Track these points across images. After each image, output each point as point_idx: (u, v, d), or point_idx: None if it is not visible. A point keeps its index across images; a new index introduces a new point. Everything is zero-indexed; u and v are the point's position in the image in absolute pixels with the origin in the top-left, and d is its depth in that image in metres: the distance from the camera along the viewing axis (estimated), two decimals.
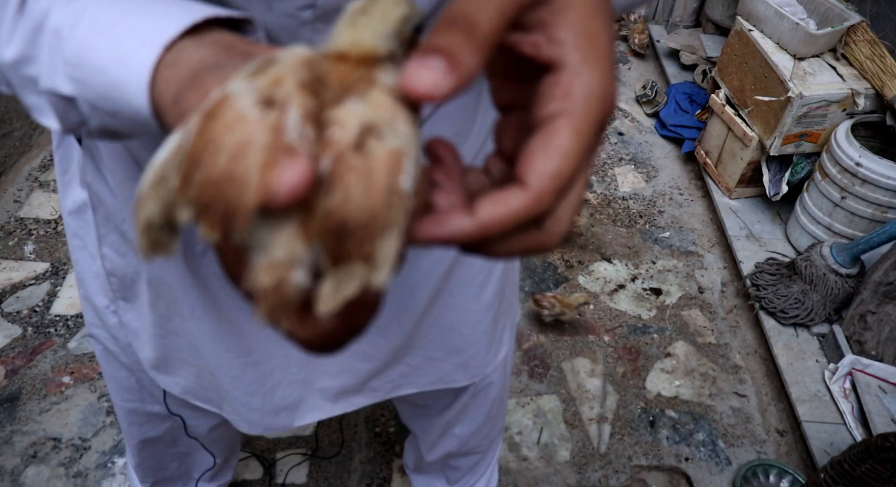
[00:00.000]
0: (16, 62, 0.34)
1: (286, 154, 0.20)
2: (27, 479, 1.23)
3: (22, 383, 1.38)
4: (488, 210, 0.24)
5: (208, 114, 0.21)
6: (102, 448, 1.29)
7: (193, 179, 0.20)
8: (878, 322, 1.46)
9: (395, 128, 0.21)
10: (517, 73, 0.27)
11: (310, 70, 0.22)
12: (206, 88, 0.25)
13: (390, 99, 0.22)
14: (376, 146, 0.21)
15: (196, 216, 0.21)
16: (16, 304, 1.53)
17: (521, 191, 0.24)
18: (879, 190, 1.52)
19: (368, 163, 0.21)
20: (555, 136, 0.24)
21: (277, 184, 0.19)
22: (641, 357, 1.56)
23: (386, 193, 0.21)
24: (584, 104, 0.24)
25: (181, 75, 0.28)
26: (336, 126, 0.21)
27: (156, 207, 0.22)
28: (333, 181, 0.20)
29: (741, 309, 1.70)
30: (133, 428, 0.87)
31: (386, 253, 0.21)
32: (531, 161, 0.24)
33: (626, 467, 1.35)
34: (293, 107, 0.20)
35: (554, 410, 1.44)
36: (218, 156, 0.20)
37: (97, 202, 0.60)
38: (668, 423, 1.44)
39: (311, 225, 0.21)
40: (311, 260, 0.21)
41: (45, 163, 1.90)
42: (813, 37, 1.70)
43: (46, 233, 1.71)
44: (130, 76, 0.29)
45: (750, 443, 1.41)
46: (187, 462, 0.97)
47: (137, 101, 0.30)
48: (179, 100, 0.27)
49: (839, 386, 1.42)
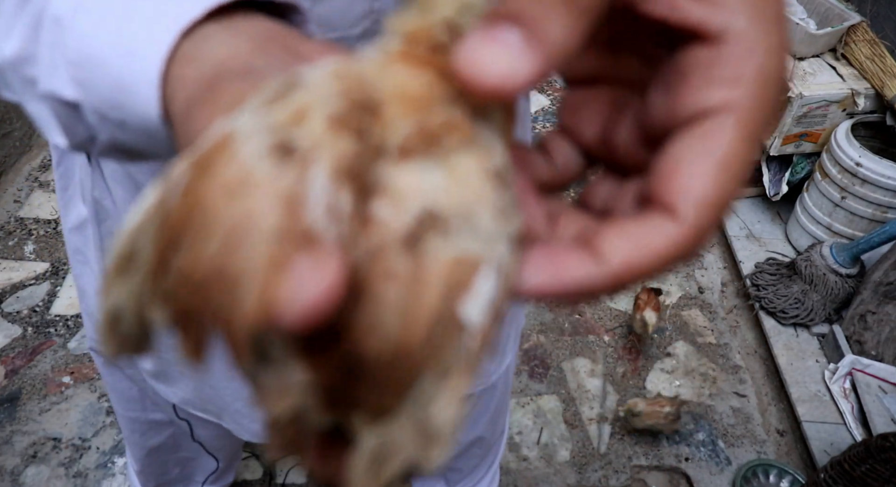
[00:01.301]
0: (16, 60, 0.28)
1: (305, 248, 0.13)
2: (27, 479, 1.23)
3: (22, 383, 1.38)
4: (624, 251, 0.17)
5: (200, 163, 0.14)
6: (103, 447, 1.29)
7: (171, 265, 0.14)
8: (878, 322, 1.46)
9: (473, 223, 0.14)
10: (617, 35, 0.20)
11: (352, 93, 0.15)
12: (223, 102, 0.18)
13: (482, 169, 0.15)
14: (437, 247, 0.14)
15: (171, 321, 0.14)
16: (16, 304, 1.53)
17: (672, 222, 0.17)
18: (879, 190, 1.52)
19: (418, 273, 0.14)
20: (718, 142, 0.17)
21: (287, 302, 0.13)
22: (641, 357, 1.57)
23: (433, 324, 0.14)
24: (758, 94, 0.17)
25: (199, 75, 0.21)
26: (386, 198, 0.14)
27: (124, 296, 0.15)
28: (362, 288, 0.14)
29: (741, 309, 1.70)
30: (135, 436, 0.86)
31: (438, 415, 0.14)
32: (683, 178, 0.17)
33: (626, 467, 1.35)
34: (321, 161, 0.14)
35: (554, 410, 1.44)
36: (206, 235, 0.13)
37: (103, 215, 0.59)
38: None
39: (331, 349, 0.14)
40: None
41: (45, 163, 1.90)
42: (813, 37, 1.70)
43: (46, 233, 1.71)
44: (138, 72, 0.23)
45: (750, 443, 1.41)
46: (190, 467, 0.97)
47: (146, 107, 0.23)
48: (189, 113, 0.20)
49: (839, 386, 1.43)
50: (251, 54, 0.21)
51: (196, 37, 0.22)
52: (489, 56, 0.15)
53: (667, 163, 0.17)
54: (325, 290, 0.13)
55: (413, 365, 0.14)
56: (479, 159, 0.15)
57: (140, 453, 0.89)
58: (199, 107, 0.19)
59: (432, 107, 0.15)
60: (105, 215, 0.59)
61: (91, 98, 0.26)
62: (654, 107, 0.19)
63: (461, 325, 0.14)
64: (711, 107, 0.17)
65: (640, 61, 0.20)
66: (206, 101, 0.19)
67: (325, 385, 0.14)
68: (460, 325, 0.14)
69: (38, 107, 0.29)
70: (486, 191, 0.15)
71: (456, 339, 0.14)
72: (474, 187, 0.15)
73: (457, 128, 0.15)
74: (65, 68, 0.26)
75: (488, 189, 0.15)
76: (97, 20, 0.25)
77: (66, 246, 0.67)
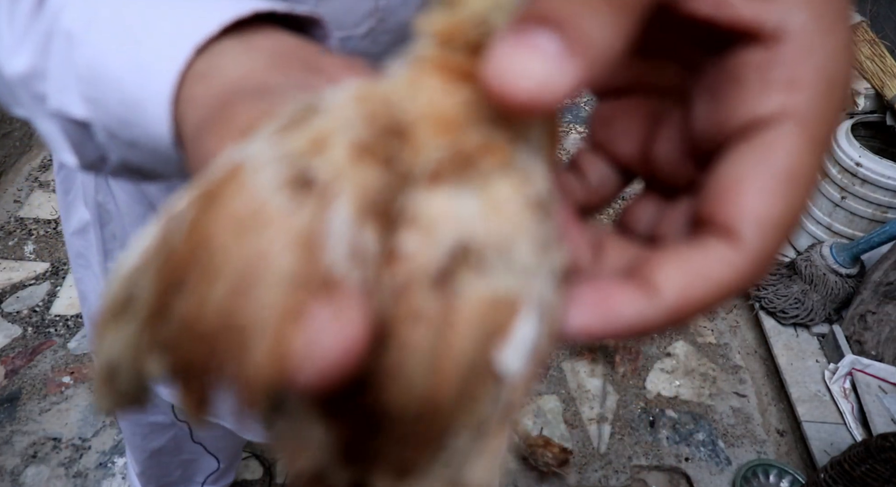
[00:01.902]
0: (26, 76, 0.27)
1: (323, 294, 0.11)
2: (27, 479, 1.23)
3: (22, 383, 1.38)
4: (680, 283, 0.15)
5: (207, 195, 0.13)
6: (102, 448, 1.29)
7: (172, 310, 0.12)
8: (878, 322, 1.46)
9: (511, 257, 0.13)
10: (654, 39, 0.17)
11: (378, 117, 0.13)
12: (235, 125, 0.17)
13: (522, 196, 0.13)
14: (471, 285, 0.12)
15: (171, 373, 0.13)
16: (16, 304, 1.53)
17: (733, 248, 0.15)
18: (879, 190, 1.53)
19: (449, 315, 0.12)
20: (780, 154, 0.15)
21: (303, 358, 0.11)
22: (641, 357, 1.57)
23: (466, 374, 0.12)
24: (822, 98, 0.15)
25: (211, 94, 0.20)
26: (413, 228, 0.12)
27: (120, 346, 0.13)
28: (387, 333, 0.12)
29: (741, 309, 1.70)
30: (137, 439, 0.86)
31: (473, 477, 0.13)
32: (743, 197, 0.15)
33: (626, 467, 1.35)
34: (343, 194, 0.12)
35: (554, 410, 1.44)
36: (212, 278, 0.12)
37: (106, 218, 0.59)
38: (668, 423, 1.44)
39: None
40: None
41: (46, 163, 1.90)
42: None
43: (46, 233, 1.71)
44: (150, 90, 0.22)
45: (750, 443, 1.41)
46: (191, 468, 0.97)
47: (157, 127, 0.22)
48: (199, 136, 0.18)
49: (839, 386, 1.43)
50: (267, 72, 0.19)
51: (211, 53, 0.21)
52: (521, 64, 0.12)
53: (722, 181, 0.15)
54: (347, 344, 0.11)
55: (442, 420, 0.12)
56: (519, 185, 0.13)
57: (141, 456, 0.89)
58: (209, 131, 0.18)
59: (468, 126, 0.13)
60: (108, 218, 0.59)
61: (101, 116, 0.25)
62: (700, 118, 0.17)
63: (498, 375, 0.12)
64: (769, 115, 0.15)
65: (679, 67, 0.19)
66: (217, 124, 0.17)
67: (346, 440, 0.13)
68: (497, 375, 0.12)
69: (47, 125, 0.28)
70: (526, 221, 0.13)
71: (492, 391, 0.12)
72: (513, 217, 0.13)
73: (495, 150, 0.13)
74: (75, 85, 0.25)
75: (528, 218, 0.13)
76: (109, 35, 0.24)
77: (68, 250, 0.67)
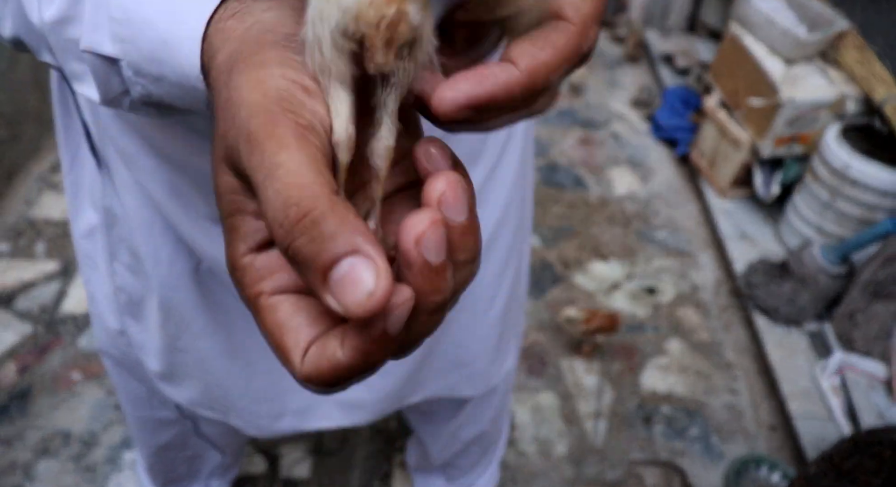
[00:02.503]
0: (57, 23, 0.30)
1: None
2: (38, 473, 1.27)
3: (33, 379, 1.41)
4: (530, 51, 0.21)
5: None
6: (111, 442, 1.32)
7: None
8: (867, 320, 1.49)
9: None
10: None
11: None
12: (264, 70, 0.21)
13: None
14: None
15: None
16: (27, 303, 1.56)
17: (563, 23, 0.21)
18: (868, 191, 1.56)
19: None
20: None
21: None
22: (637, 354, 1.60)
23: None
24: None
25: (244, 28, 0.23)
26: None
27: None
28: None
29: (734, 307, 1.74)
30: (144, 435, 0.87)
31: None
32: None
33: (623, 461, 1.38)
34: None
35: (551, 406, 1.47)
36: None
37: (113, 221, 0.59)
38: (662, 419, 1.47)
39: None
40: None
41: (55, 166, 1.93)
42: (803, 42, 1.74)
43: (56, 233, 1.74)
44: (183, 25, 0.25)
45: (742, 438, 1.44)
46: (197, 462, 0.99)
47: (188, 60, 0.25)
48: (231, 69, 0.22)
49: (829, 383, 1.46)
50: (294, 27, 0.22)
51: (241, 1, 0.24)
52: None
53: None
54: None
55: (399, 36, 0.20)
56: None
57: (148, 451, 0.90)
58: (242, 67, 0.21)
59: None
60: (115, 222, 0.59)
61: (131, 54, 0.27)
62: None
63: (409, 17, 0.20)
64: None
65: None
66: (250, 62, 0.21)
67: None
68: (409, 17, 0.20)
69: (76, 66, 0.31)
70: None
71: (411, 24, 0.20)
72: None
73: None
74: (107, 26, 0.28)
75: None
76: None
77: (77, 253, 0.67)
